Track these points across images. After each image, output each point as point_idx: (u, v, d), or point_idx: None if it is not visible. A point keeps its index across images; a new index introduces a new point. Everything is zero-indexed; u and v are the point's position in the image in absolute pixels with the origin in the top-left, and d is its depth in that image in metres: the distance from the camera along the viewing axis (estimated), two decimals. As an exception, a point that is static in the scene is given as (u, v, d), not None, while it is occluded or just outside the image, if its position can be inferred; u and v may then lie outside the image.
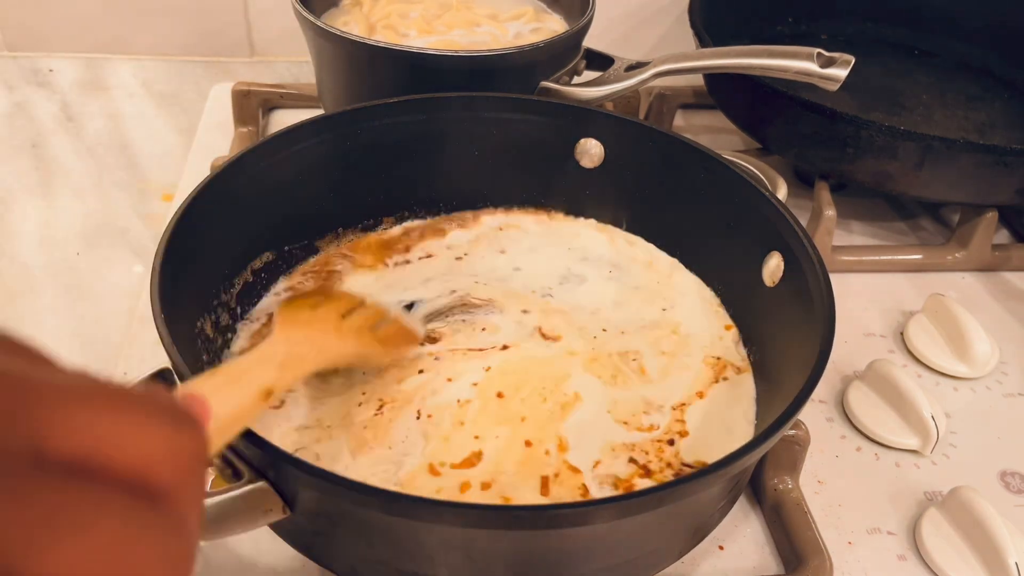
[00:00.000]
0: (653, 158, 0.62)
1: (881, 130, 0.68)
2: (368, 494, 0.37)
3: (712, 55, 0.70)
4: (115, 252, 0.72)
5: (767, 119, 0.77)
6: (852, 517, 0.55)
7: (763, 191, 0.56)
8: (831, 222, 0.73)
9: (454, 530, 0.39)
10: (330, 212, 0.62)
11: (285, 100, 0.89)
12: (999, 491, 0.57)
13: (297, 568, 0.49)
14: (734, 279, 0.59)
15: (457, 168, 0.65)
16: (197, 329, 0.50)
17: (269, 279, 0.59)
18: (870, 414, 0.60)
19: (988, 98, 0.90)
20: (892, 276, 0.75)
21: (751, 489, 0.56)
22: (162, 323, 0.42)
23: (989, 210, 0.74)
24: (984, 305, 0.73)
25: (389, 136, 0.61)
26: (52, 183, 0.79)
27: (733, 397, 0.54)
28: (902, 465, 0.59)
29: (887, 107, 0.86)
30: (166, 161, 0.83)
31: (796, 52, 0.66)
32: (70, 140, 0.85)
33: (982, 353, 0.65)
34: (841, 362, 0.65)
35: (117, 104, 0.91)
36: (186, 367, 0.40)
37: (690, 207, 0.61)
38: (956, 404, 0.63)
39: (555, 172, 0.65)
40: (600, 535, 0.40)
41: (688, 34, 0.82)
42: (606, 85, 0.71)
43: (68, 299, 0.67)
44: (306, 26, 0.72)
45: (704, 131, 0.93)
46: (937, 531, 0.53)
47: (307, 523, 0.42)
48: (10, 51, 0.98)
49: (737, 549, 0.53)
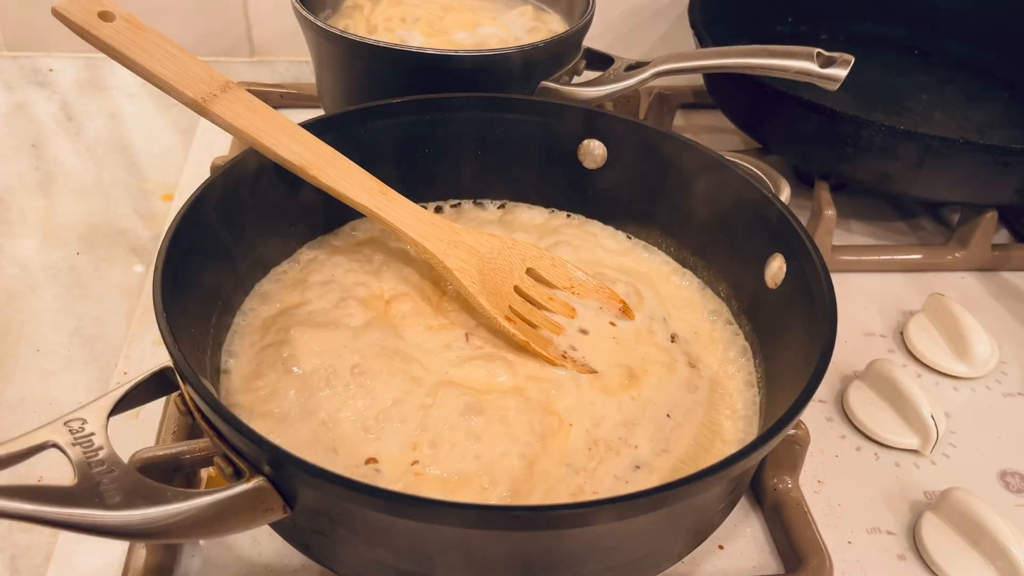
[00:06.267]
0: (655, 159, 0.62)
1: (881, 130, 0.68)
2: (368, 494, 0.37)
3: (712, 55, 0.70)
4: (115, 252, 0.72)
5: (767, 119, 0.77)
6: (852, 517, 0.55)
7: (766, 193, 0.56)
8: (831, 222, 0.73)
9: (454, 530, 0.39)
10: (330, 211, 0.61)
11: (285, 100, 0.89)
12: (999, 491, 0.57)
13: (297, 568, 0.49)
14: (735, 280, 0.59)
15: (458, 168, 0.65)
16: (198, 327, 0.50)
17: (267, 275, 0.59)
18: (870, 414, 0.60)
19: (988, 98, 0.90)
20: (892, 276, 0.75)
21: (751, 489, 0.56)
22: (164, 322, 0.42)
23: (989, 210, 0.74)
24: (984, 305, 0.73)
25: (389, 136, 0.61)
26: (52, 183, 0.79)
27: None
28: (902, 465, 0.59)
29: (887, 107, 0.86)
30: (166, 161, 0.83)
31: (796, 52, 0.66)
32: (70, 140, 0.85)
33: (982, 353, 0.65)
34: (841, 362, 0.65)
35: (117, 104, 0.91)
36: (187, 366, 0.40)
37: (692, 209, 0.61)
38: (956, 404, 0.63)
39: (556, 172, 0.65)
40: (601, 536, 0.40)
41: (688, 34, 0.82)
42: (606, 85, 0.71)
43: (68, 299, 0.67)
44: (306, 26, 0.72)
45: (704, 131, 0.93)
46: (937, 531, 0.53)
47: (307, 522, 0.42)
48: (10, 51, 0.98)
49: (737, 549, 0.53)
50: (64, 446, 0.39)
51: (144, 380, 0.44)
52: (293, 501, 0.40)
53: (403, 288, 0.58)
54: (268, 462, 0.39)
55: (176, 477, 0.49)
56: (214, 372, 0.51)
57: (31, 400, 0.59)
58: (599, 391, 0.53)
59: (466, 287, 0.55)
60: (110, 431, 0.40)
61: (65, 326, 0.65)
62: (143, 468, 0.47)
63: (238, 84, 0.53)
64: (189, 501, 0.38)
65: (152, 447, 0.49)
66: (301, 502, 0.40)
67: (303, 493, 0.39)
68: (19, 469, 0.39)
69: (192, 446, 0.49)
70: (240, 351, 0.53)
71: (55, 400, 0.59)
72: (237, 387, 0.51)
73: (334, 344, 0.53)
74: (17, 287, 0.68)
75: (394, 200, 0.56)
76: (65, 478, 0.38)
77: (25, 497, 0.35)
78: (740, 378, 0.55)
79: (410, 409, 0.50)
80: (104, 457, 0.38)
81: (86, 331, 0.65)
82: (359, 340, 0.53)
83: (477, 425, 0.49)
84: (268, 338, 0.54)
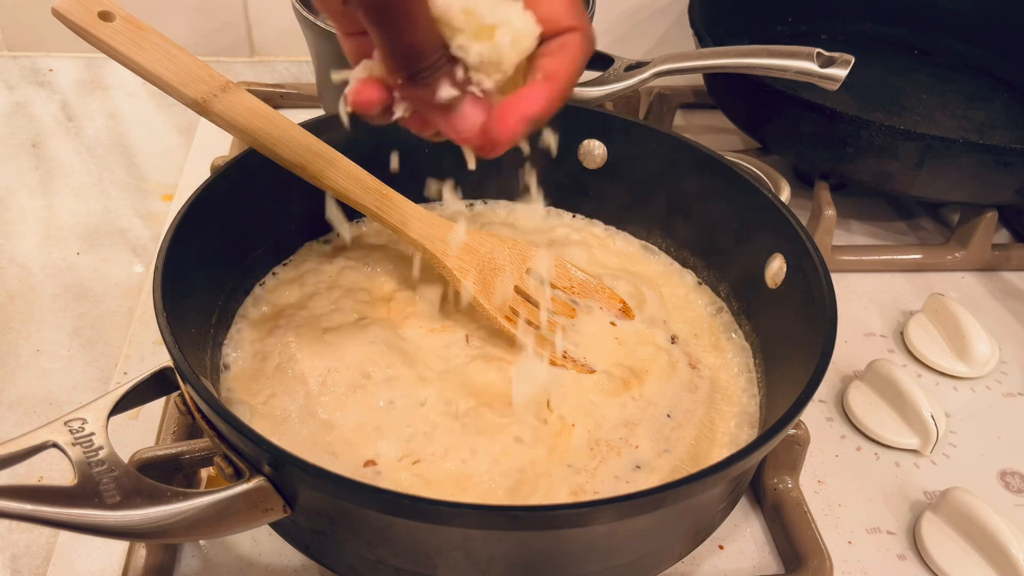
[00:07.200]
0: (656, 160, 0.62)
1: (881, 130, 0.68)
2: (368, 494, 0.37)
3: (712, 55, 0.70)
4: (115, 252, 0.72)
5: (767, 119, 0.77)
6: (852, 517, 0.55)
7: (766, 193, 0.56)
8: (831, 222, 0.73)
9: (454, 530, 0.39)
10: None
11: (285, 100, 0.89)
12: (999, 491, 0.57)
13: (297, 567, 0.49)
14: (735, 280, 0.59)
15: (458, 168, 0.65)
16: (198, 327, 0.50)
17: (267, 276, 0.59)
18: (870, 414, 0.60)
19: (988, 98, 0.90)
20: (892, 276, 0.75)
21: (751, 489, 0.56)
22: (164, 322, 0.42)
23: (989, 210, 0.74)
24: (984, 305, 0.73)
25: (389, 136, 0.61)
26: (52, 183, 0.79)
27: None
28: (902, 465, 0.59)
29: (887, 107, 0.86)
30: (166, 161, 0.83)
31: (796, 52, 0.66)
32: (70, 140, 0.85)
33: (982, 353, 0.65)
34: (841, 362, 0.65)
35: (117, 104, 0.91)
36: (187, 365, 0.40)
37: (692, 209, 0.61)
38: (956, 404, 0.63)
39: (556, 173, 0.65)
40: (601, 536, 0.40)
41: (688, 34, 0.82)
42: (606, 85, 0.71)
43: (68, 299, 0.67)
44: (306, 26, 0.72)
45: (704, 131, 0.93)
46: (937, 531, 0.53)
47: (307, 522, 0.42)
48: (10, 51, 0.98)
49: (737, 549, 0.53)
50: (64, 446, 0.39)
51: (144, 380, 0.45)
52: (293, 501, 0.40)
53: (403, 288, 0.58)
54: (268, 462, 0.39)
55: (176, 477, 0.49)
56: (214, 372, 0.51)
57: (31, 400, 0.59)
58: (600, 391, 0.53)
59: (466, 287, 0.55)
60: (110, 431, 0.40)
61: (65, 326, 0.65)
62: (143, 468, 0.47)
63: (238, 84, 0.53)
64: (189, 501, 0.38)
65: (152, 447, 0.49)
66: (301, 502, 0.40)
67: (303, 493, 0.39)
68: (19, 469, 0.39)
69: (192, 446, 0.49)
70: (240, 351, 0.53)
71: (55, 400, 0.59)
72: (237, 387, 0.51)
73: (334, 345, 0.53)
74: (17, 287, 0.68)
75: (394, 200, 0.56)
76: (65, 478, 0.38)
77: (25, 497, 0.35)
78: (740, 378, 0.55)
79: (410, 410, 0.50)
80: (104, 457, 0.38)
81: (86, 331, 0.65)
82: (359, 341, 0.53)
83: (477, 426, 0.49)
84: (268, 338, 0.54)
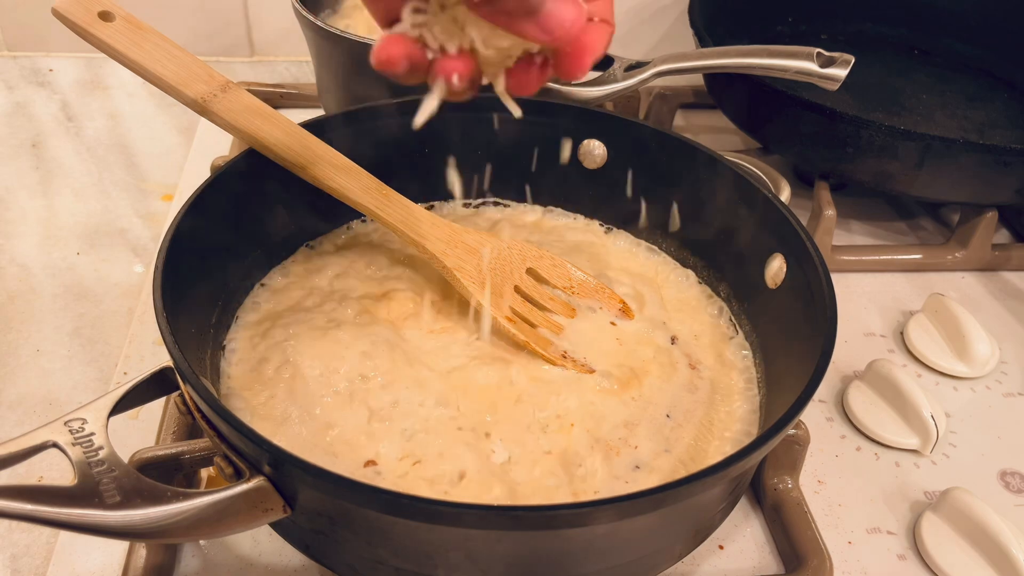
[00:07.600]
0: (655, 159, 0.62)
1: (881, 130, 0.68)
2: (368, 494, 0.37)
3: (712, 55, 0.70)
4: (115, 252, 0.72)
5: (767, 119, 0.77)
6: (852, 517, 0.55)
7: (766, 193, 0.56)
8: (831, 222, 0.73)
9: (454, 530, 0.39)
10: (329, 211, 0.61)
11: (285, 100, 0.89)
12: (999, 491, 0.57)
13: (297, 567, 0.49)
14: (735, 280, 0.59)
15: (458, 168, 0.65)
16: (198, 327, 0.50)
17: (268, 276, 0.59)
18: (870, 414, 0.60)
19: (988, 98, 0.90)
20: (892, 276, 0.75)
21: (751, 489, 0.56)
22: (164, 322, 0.42)
23: (989, 210, 0.74)
24: (984, 305, 0.73)
25: (389, 136, 0.61)
26: (52, 183, 0.79)
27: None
28: (902, 465, 0.59)
29: (887, 107, 0.86)
30: (166, 161, 0.83)
31: (796, 52, 0.66)
32: (70, 140, 0.85)
33: (982, 353, 0.65)
34: (841, 362, 0.65)
35: (117, 104, 0.91)
36: (187, 365, 0.40)
37: (692, 209, 0.61)
38: (956, 404, 0.63)
39: (557, 172, 0.65)
40: (601, 536, 0.40)
41: (688, 34, 0.82)
42: (606, 85, 0.71)
43: (68, 299, 0.67)
44: (306, 26, 0.72)
45: (704, 131, 0.93)
46: (937, 531, 0.53)
47: (307, 522, 0.42)
48: (10, 51, 0.98)
49: (737, 549, 0.53)
50: (64, 446, 0.39)
51: (144, 380, 0.45)
52: (293, 501, 0.40)
53: (403, 289, 0.58)
54: (268, 462, 0.39)
55: (176, 477, 0.49)
56: (214, 372, 0.51)
57: (31, 400, 0.59)
58: (600, 391, 0.53)
59: (466, 287, 0.55)
60: (110, 431, 0.40)
61: (65, 326, 0.65)
62: (143, 468, 0.47)
63: (238, 84, 0.53)
64: (189, 501, 0.38)
65: (152, 447, 0.49)
66: (301, 502, 0.40)
67: (303, 493, 0.39)
68: (19, 469, 0.39)
69: (192, 446, 0.49)
70: (240, 351, 0.53)
71: (55, 400, 0.59)
72: (237, 387, 0.51)
73: (334, 345, 0.53)
74: (17, 287, 0.68)
75: (394, 200, 0.56)
76: (65, 478, 0.38)
77: (25, 497, 0.35)
78: (740, 378, 0.55)
79: (410, 410, 0.50)
80: (104, 457, 0.38)
81: (86, 331, 0.65)
82: (359, 341, 0.53)
83: (477, 426, 0.49)
84: (268, 338, 0.54)
